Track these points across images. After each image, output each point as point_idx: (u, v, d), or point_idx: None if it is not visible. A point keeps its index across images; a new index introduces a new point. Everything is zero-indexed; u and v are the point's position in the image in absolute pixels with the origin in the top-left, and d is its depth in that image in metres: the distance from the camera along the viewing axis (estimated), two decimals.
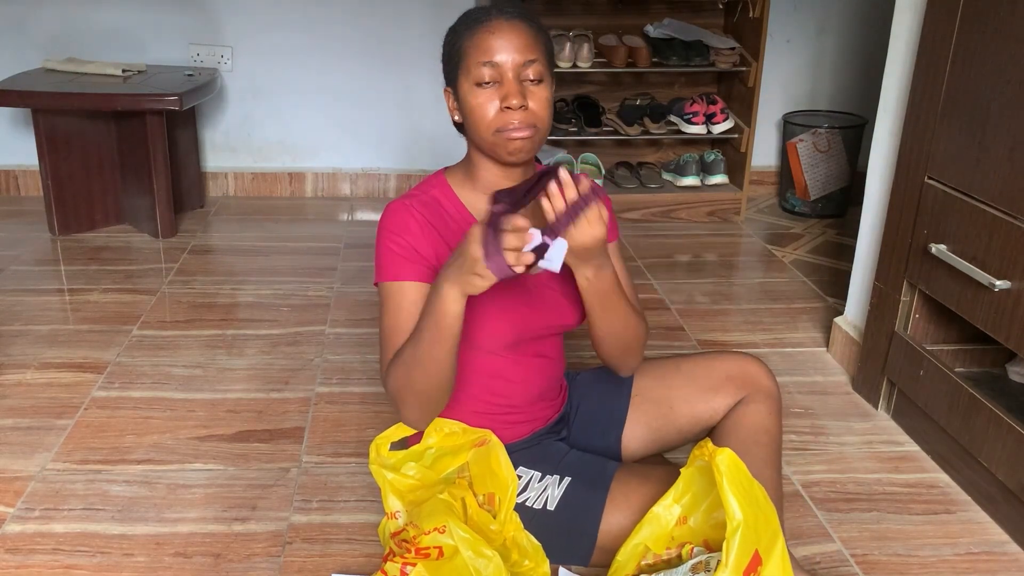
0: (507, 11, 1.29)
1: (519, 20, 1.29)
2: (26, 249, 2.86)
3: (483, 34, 1.27)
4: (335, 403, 1.99)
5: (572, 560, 1.42)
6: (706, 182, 3.30)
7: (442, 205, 1.37)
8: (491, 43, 1.27)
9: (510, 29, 1.27)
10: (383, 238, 1.34)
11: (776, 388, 1.51)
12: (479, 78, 1.27)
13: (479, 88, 1.28)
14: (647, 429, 1.55)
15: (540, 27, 1.32)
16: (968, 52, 1.63)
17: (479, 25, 1.29)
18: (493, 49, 1.27)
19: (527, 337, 1.41)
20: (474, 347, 1.39)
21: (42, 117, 2.85)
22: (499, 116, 1.28)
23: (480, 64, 1.27)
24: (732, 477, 1.17)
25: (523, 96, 1.27)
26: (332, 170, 3.49)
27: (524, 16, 1.31)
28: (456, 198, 1.38)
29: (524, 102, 1.27)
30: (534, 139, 1.30)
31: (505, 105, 1.26)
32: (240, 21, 3.28)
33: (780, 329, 2.41)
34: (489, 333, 1.37)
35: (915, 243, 1.80)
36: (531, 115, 1.28)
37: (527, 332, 1.40)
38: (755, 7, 3.08)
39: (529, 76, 1.28)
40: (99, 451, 1.79)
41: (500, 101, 1.27)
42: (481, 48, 1.27)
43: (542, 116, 1.29)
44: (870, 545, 1.56)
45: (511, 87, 1.27)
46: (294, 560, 1.49)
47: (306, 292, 2.59)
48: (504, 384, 1.43)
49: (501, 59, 1.27)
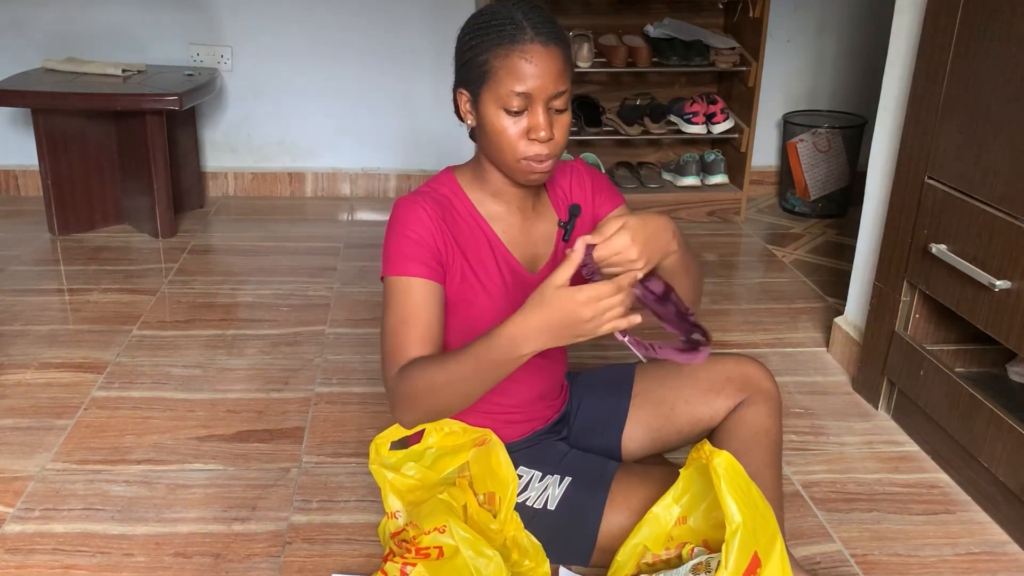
0: (541, 31, 1.23)
1: (555, 45, 1.23)
2: (26, 249, 2.86)
3: (517, 59, 1.21)
4: (335, 403, 1.99)
5: (572, 560, 1.42)
6: (706, 182, 3.30)
7: (453, 204, 1.36)
8: (525, 71, 1.21)
9: (546, 57, 1.22)
10: (394, 232, 1.31)
11: (776, 390, 1.51)
12: (508, 105, 1.23)
13: (506, 114, 1.24)
14: (647, 430, 1.55)
15: (568, 44, 1.28)
16: (968, 52, 1.63)
17: (513, 45, 1.22)
18: (527, 79, 1.21)
19: None
20: None
21: (42, 117, 2.85)
22: (525, 145, 1.25)
23: (512, 93, 1.22)
24: (730, 479, 1.17)
25: (551, 128, 1.24)
26: (332, 170, 3.49)
27: (558, 38, 1.25)
28: (466, 198, 1.37)
29: (552, 135, 1.25)
30: (553, 164, 1.29)
31: (533, 137, 1.24)
32: (240, 21, 3.27)
33: (780, 329, 2.41)
34: None
35: (915, 243, 1.80)
36: (554, 144, 1.26)
37: None
38: (755, 7, 3.08)
39: (558, 106, 1.25)
40: (99, 451, 1.79)
41: (528, 132, 1.24)
42: (514, 75, 1.22)
43: (562, 143, 1.28)
44: (870, 545, 1.56)
45: (541, 120, 1.23)
46: (294, 560, 1.49)
47: (306, 292, 2.59)
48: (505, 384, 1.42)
49: (534, 90, 1.22)
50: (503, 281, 1.36)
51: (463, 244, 1.34)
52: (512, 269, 1.37)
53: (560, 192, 1.44)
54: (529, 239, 1.40)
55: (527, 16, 1.23)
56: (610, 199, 1.44)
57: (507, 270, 1.37)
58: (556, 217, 1.42)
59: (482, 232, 1.35)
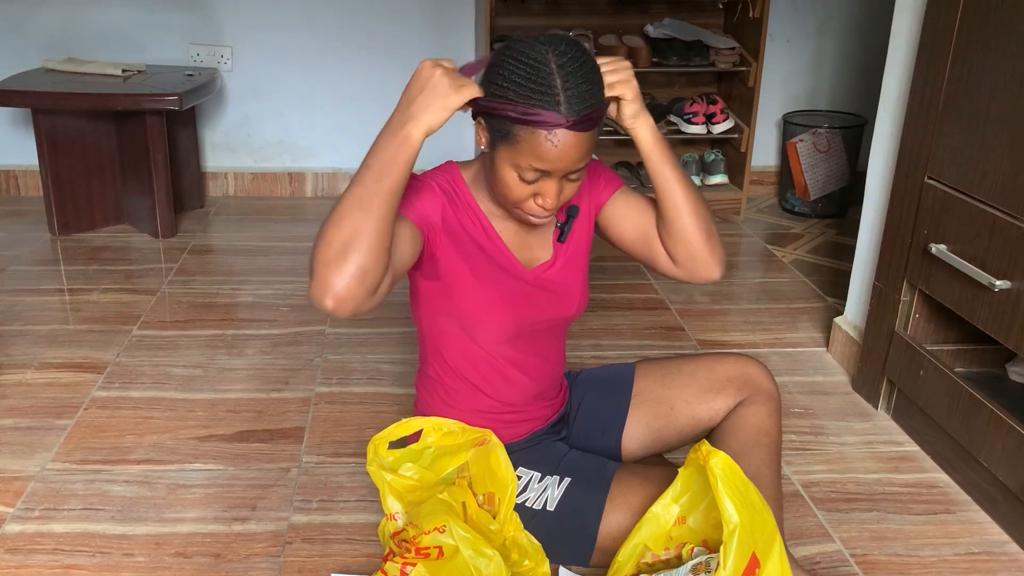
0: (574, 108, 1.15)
1: (587, 130, 1.17)
2: (26, 249, 2.86)
3: (543, 141, 1.16)
4: (335, 403, 1.99)
5: (572, 560, 1.42)
6: (706, 182, 3.30)
7: (456, 192, 1.35)
8: (548, 154, 1.17)
9: (575, 145, 1.17)
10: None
11: (776, 390, 1.51)
12: (522, 174, 1.21)
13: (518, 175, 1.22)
14: (647, 430, 1.55)
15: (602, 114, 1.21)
16: (968, 52, 1.63)
17: (540, 126, 1.15)
18: (549, 160, 1.18)
19: (526, 330, 1.41)
20: (474, 342, 1.39)
21: (42, 117, 2.85)
22: (529, 204, 1.25)
23: (530, 167, 1.20)
24: (727, 480, 1.17)
25: (559, 196, 1.24)
26: (332, 170, 3.49)
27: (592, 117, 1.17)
28: (469, 193, 1.36)
29: (559, 203, 1.25)
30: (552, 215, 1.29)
31: (540, 203, 1.24)
32: (240, 21, 3.27)
33: (780, 329, 2.41)
34: (488, 326, 1.37)
35: (915, 243, 1.80)
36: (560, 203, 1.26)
37: (526, 325, 1.40)
38: (755, 7, 3.08)
39: (573, 177, 1.24)
40: (99, 451, 1.79)
41: (535, 195, 1.24)
42: (535, 153, 1.17)
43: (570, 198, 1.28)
44: (870, 545, 1.56)
45: (550, 190, 1.22)
46: (294, 560, 1.49)
47: (306, 292, 2.59)
48: (504, 383, 1.43)
49: (554, 170, 1.20)
50: (497, 271, 1.36)
51: (462, 228, 1.34)
52: (508, 261, 1.37)
53: None
54: (526, 240, 1.40)
55: (566, 83, 1.14)
56: (609, 184, 1.44)
57: (503, 261, 1.37)
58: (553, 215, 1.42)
59: (481, 225, 1.35)
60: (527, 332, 1.41)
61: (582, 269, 1.45)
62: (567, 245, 1.42)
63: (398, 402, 1.98)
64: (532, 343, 1.43)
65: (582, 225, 1.43)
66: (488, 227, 1.36)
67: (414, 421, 1.44)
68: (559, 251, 1.42)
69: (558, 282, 1.41)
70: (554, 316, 1.43)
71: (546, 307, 1.41)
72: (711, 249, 1.37)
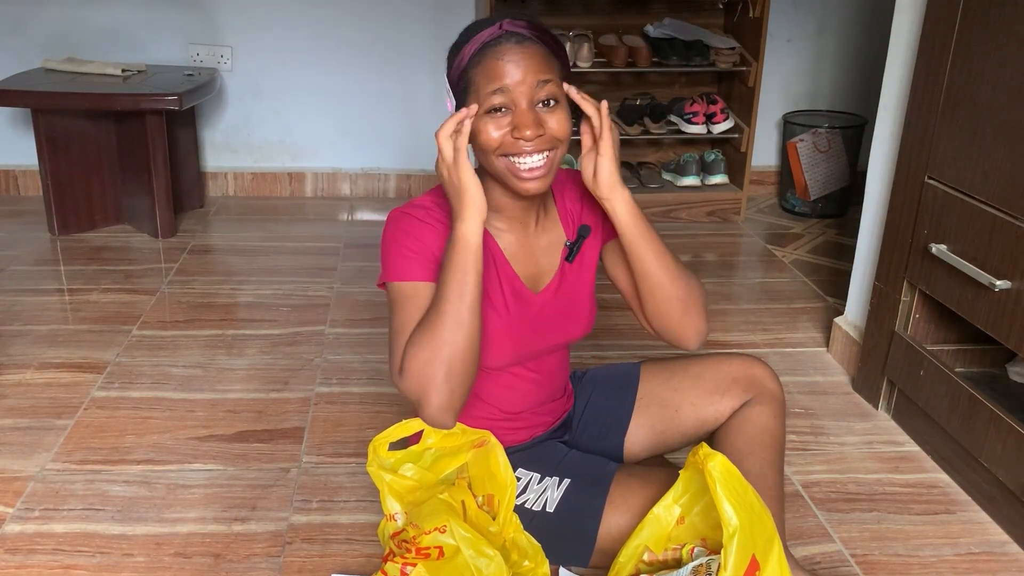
0: (518, 34, 1.20)
1: (532, 44, 1.20)
2: (26, 249, 2.86)
3: (492, 61, 1.19)
4: (335, 403, 1.99)
5: (571, 561, 1.42)
6: (706, 182, 3.30)
7: None
8: (500, 69, 1.19)
9: (521, 52, 1.19)
10: (390, 238, 1.29)
11: (780, 391, 1.50)
12: (490, 105, 1.20)
13: (489, 116, 1.21)
14: (651, 432, 1.54)
15: (555, 43, 1.24)
16: (968, 51, 1.63)
17: (487, 50, 1.20)
18: (503, 76, 1.19)
19: (529, 356, 1.41)
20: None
21: (42, 117, 2.85)
22: (510, 143, 1.21)
23: (490, 93, 1.19)
24: (725, 483, 1.17)
25: (538, 124, 1.20)
26: (332, 170, 3.49)
27: (536, 36, 1.21)
28: None
29: (540, 131, 1.20)
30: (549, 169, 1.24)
31: (517, 136, 1.20)
32: (240, 21, 3.27)
33: (780, 329, 2.41)
34: (488, 354, 1.34)
35: (915, 243, 1.80)
36: (549, 139, 1.22)
37: (530, 353, 1.40)
38: (755, 7, 3.08)
39: (543, 97, 1.21)
40: (99, 451, 1.79)
41: (512, 130, 1.20)
42: (489, 75, 1.19)
43: (559, 136, 1.22)
44: (870, 545, 1.56)
45: (523, 117, 1.20)
46: (294, 560, 1.49)
47: (306, 292, 2.59)
48: (506, 395, 1.43)
49: (512, 85, 1.19)
50: (503, 297, 1.35)
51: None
52: (513, 287, 1.36)
53: (568, 204, 1.42)
54: (532, 255, 1.38)
55: (506, 21, 1.22)
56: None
57: (508, 286, 1.35)
58: (563, 231, 1.41)
59: (487, 246, 1.32)
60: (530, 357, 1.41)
61: (589, 290, 1.44)
62: (575, 264, 1.41)
63: (398, 402, 1.98)
64: (535, 361, 1.43)
65: (592, 247, 1.42)
66: (492, 245, 1.34)
67: (415, 422, 1.43)
68: (566, 269, 1.40)
69: (564, 303, 1.40)
70: (558, 341, 1.43)
71: (550, 333, 1.40)
72: (688, 322, 1.36)
